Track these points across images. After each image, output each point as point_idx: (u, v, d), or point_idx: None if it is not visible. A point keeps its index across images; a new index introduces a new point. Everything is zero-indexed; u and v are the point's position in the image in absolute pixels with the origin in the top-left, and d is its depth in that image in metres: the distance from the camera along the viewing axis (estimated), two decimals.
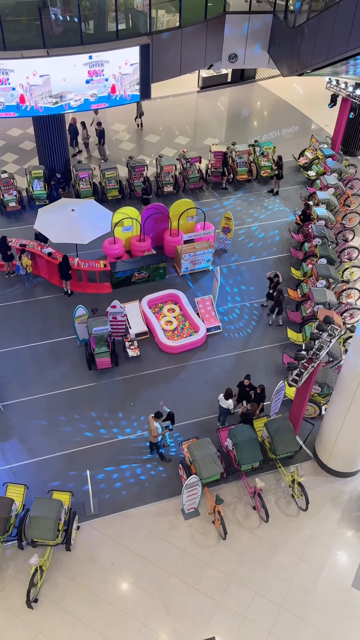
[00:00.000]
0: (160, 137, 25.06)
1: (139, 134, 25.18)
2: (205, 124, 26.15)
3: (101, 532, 12.81)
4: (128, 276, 18.21)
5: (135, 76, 17.86)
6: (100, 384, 15.73)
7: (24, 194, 21.16)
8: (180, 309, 17.57)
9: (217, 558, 12.48)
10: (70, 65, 16.76)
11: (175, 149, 24.20)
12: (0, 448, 14.19)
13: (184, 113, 26.78)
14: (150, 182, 21.16)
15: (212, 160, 22.22)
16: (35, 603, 11.65)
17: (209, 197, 21.95)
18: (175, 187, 21.66)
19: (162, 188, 21.54)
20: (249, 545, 12.70)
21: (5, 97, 16.83)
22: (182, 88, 27.64)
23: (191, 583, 12.11)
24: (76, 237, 17.32)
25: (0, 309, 17.53)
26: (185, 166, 21.98)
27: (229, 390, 14.16)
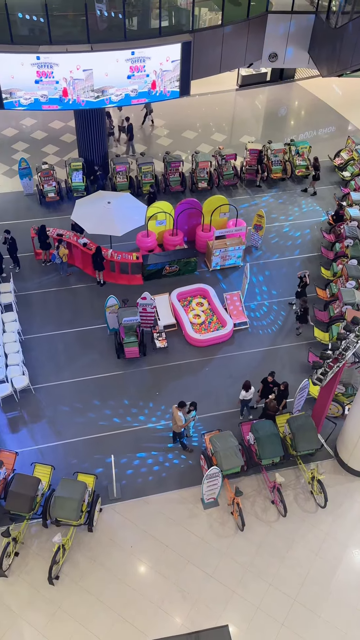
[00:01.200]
0: (197, 134, 25.03)
1: (151, 131, 25.03)
2: (242, 122, 26.01)
3: (122, 515, 12.99)
4: (159, 269, 18.31)
5: (176, 73, 17.87)
6: (128, 373, 15.89)
7: (62, 185, 21.42)
8: (209, 303, 17.59)
9: (234, 548, 12.54)
10: (112, 60, 16.87)
11: (212, 146, 24.14)
12: (29, 429, 14.50)
13: (221, 110, 26.68)
14: (168, 180, 21.17)
15: (247, 158, 22.11)
16: (57, 580, 11.91)
17: (242, 194, 21.87)
18: (209, 183, 21.64)
19: (197, 184, 21.54)
20: (266, 538, 12.72)
21: (49, 90, 17.05)
22: (221, 86, 27.51)
23: (207, 571, 12.20)
24: (111, 229, 17.48)
25: (36, 296, 17.84)
26: (220, 163, 21.93)
27: (247, 383, 14.17)
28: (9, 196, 21.23)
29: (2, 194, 21.31)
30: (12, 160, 22.82)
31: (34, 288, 18.07)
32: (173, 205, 19.22)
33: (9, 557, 12.05)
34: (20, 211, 20.60)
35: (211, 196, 19.59)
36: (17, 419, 14.70)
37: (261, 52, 20.66)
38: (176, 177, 21.48)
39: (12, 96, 17.13)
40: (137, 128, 24.78)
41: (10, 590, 11.80)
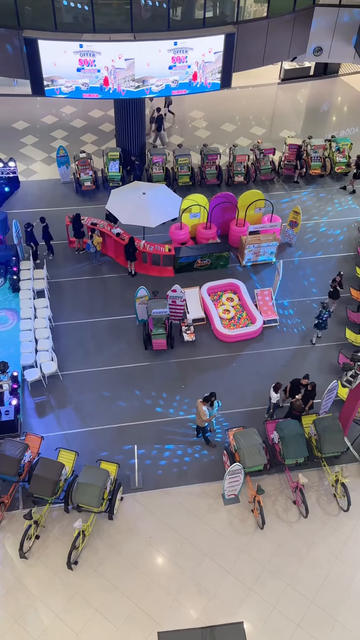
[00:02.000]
0: (236, 127, 24.81)
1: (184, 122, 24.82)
2: (282, 116, 25.67)
3: (143, 505, 13.09)
4: (191, 262, 18.28)
5: (218, 64, 17.73)
6: (155, 364, 15.95)
7: (99, 174, 21.53)
8: (239, 299, 17.49)
9: (252, 546, 12.51)
10: (155, 50, 16.83)
11: (250, 139, 23.91)
12: (56, 414, 14.71)
13: (262, 104, 26.37)
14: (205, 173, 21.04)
15: (286, 153, 21.83)
16: (75, 565, 12.08)
17: (279, 190, 21.61)
18: (246, 177, 21.45)
19: (233, 177, 21.39)
20: (286, 538, 12.65)
21: (90, 79, 17.13)
22: (263, 79, 27.17)
23: (225, 566, 12.21)
24: (145, 220, 17.51)
25: (67, 284, 18.03)
26: (258, 157, 21.70)
27: (277, 385, 14.05)
28: (46, 183, 21.47)
29: (39, 181, 21.56)
30: (50, 148, 23.03)
31: (66, 275, 18.27)
32: (208, 198, 19.13)
33: (30, 540, 12.28)
34: (56, 199, 20.81)
35: (247, 190, 19.45)
36: (44, 403, 14.92)
37: (306, 46, 20.32)
38: (212, 170, 21.36)
39: (54, 84, 17.26)
40: (169, 120, 24.60)
41: (29, 572, 12.03)
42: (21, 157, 22.46)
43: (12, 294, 17.25)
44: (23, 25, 16.51)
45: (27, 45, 16.41)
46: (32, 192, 21.01)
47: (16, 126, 24.14)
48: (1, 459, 12.52)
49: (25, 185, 21.29)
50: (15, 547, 12.22)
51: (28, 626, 11.32)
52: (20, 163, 21.76)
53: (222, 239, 19.40)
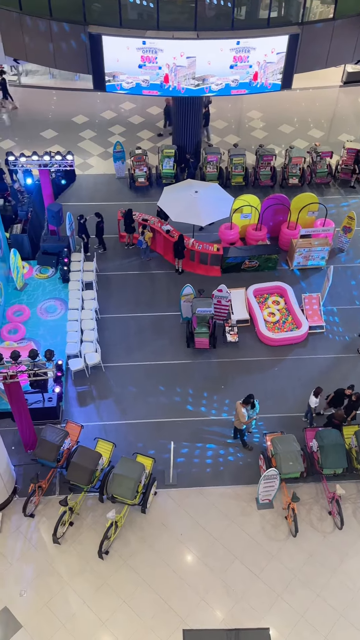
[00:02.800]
0: (294, 129, 24.51)
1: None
2: (342, 120, 25.17)
3: (176, 502, 13.14)
4: (239, 263, 18.19)
5: (280, 65, 17.55)
6: (196, 363, 15.96)
7: (153, 171, 21.69)
8: (285, 303, 17.29)
9: (284, 553, 12.37)
10: (217, 49, 16.81)
11: (308, 142, 23.57)
12: (96, 405, 14.94)
13: (322, 106, 25.92)
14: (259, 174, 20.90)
15: (343, 157, 21.41)
16: (106, 555, 12.25)
17: (334, 194, 21.23)
18: (301, 179, 21.18)
19: (288, 179, 21.14)
20: (319, 548, 12.45)
21: (151, 76, 17.27)
22: (324, 81, 26.71)
23: (255, 571, 12.13)
24: (195, 218, 17.54)
25: (116, 277, 18.27)
26: (314, 160, 21.38)
27: (318, 390, 13.83)
28: (101, 178, 21.80)
29: (95, 175, 21.92)
30: (107, 143, 23.37)
31: (115, 269, 18.51)
32: (260, 199, 18.98)
33: (64, 526, 12.53)
34: (110, 193, 21.10)
35: (301, 193, 19.18)
36: (86, 393, 15.18)
37: None
38: (267, 171, 21.18)
39: (115, 79, 17.50)
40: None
41: (61, 558, 12.28)
42: (79, 150, 22.89)
43: (62, 284, 17.62)
44: (89, 21, 16.79)
45: (92, 41, 16.69)
46: (87, 186, 21.38)
47: (76, 120, 24.61)
48: (42, 444, 12.83)
49: (81, 178, 21.69)
50: (50, 532, 12.50)
51: (57, 610, 11.57)
52: (77, 157, 22.16)
53: (272, 241, 19.22)
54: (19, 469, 13.54)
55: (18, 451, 13.86)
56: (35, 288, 17.56)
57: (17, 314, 16.69)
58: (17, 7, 17.10)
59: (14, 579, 11.96)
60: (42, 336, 16.18)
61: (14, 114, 24.86)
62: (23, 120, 24.54)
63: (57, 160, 17.56)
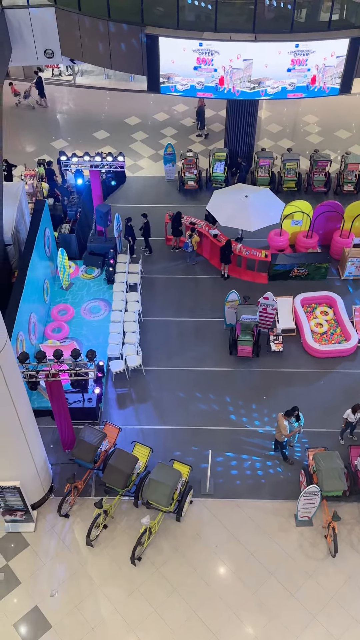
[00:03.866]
0: (351, 134, 24.07)
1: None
2: None
3: (212, 512, 13.05)
4: (287, 270, 17.97)
5: (339, 69, 17.27)
6: (238, 371, 15.84)
7: (203, 174, 21.71)
8: (335, 314, 16.96)
9: (321, 573, 12.10)
10: (274, 52, 16.70)
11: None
12: (135, 408, 15.02)
13: None
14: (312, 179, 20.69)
15: None
16: (139, 561, 12.27)
17: None
18: (356, 187, 20.77)
19: (342, 186, 20.77)
20: (359, 570, 12.10)
21: (206, 78, 17.30)
22: None
23: (290, 589, 11.90)
24: (244, 223, 17.44)
25: (160, 280, 18.36)
26: None
27: (356, 406, 13.48)
28: (150, 180, 21.98)
29: (144, 177, 22.11)
30: (159, 145, 23.56)
31: (160, 272, 18.60)
32: (313, 205, 18.71)
33: (98, 528, 12.63)
34: (159, 196, 21.24)
35: (356, 201, 18.79)
36: (125, 396, 15.28)
37: None
38: (321, 177, 20.88)
39: (169, 81, 17.62)
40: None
41: (94, 560, 12.37)
42: (130, 152, 23.16)
43: (107, 285, 17.83)
44: (146, 22, 16.98)
45: (148, 42, 16.87)
46: (137, 188, 21.60)
47: (128, 121, 24.92)
48: (80, 444, 12.98)
49: (131, 180, 21.93)
50: (83, 533, 12.62)
51: (87, 613, 11.66)
52: (128, 158, 22.45)
53: (323, 250, 18.91)
54: (56, 468, 13.75)
55: (56, 450, 14.07)
56: (81, 288, 17.83)
57: (62, 313, 16.98)
58: (76, 7, 17.47)
59: (46, 578, 12.13)
60: (85, 336, 16.41)
61: (69, 114, 25.40)
62: (76, 120, 25.05)
63: (108, 162, 17.82)
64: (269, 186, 20.68)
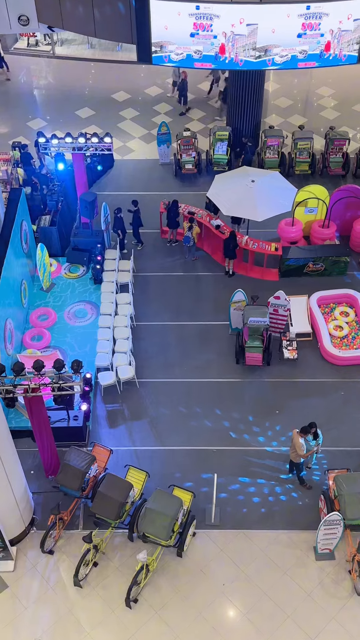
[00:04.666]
0: None
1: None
2: None
3: (218, 546, 13.01)
4: (301, 265, 18.01)
5: (357, 34, 17.34)
6: (246, 382, 15.84)
7: (203, 156, 21.75)
8: (356, 315, 17.00)
9: (346, 614, 12.06)
10: (283, 14, 16.75)
11: None
12: (128, 427, 14.99)
13: None
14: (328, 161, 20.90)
15: None
16: (135, 603, 12.21)
17: None
18: None
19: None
20: None
21: (205, 46, 17.34)
22: None
23: (310, 633, 11.85)
24: (250, 212, 17.48)
25: (155, 279, 18.35)
26: None
27: None
28: (142, 164, 22.01)
29: (135, 161, 22.16)
30: (151, 124, 23.60)
31: (155, 269, 18.61)
32: (329, 191, 18.77)
33: (87, 566, 12.56)
34: (152, 182, 21.28)
35: None
36: (117, 413, 15.25)
37: None
38: (338, 158, 20.95)
39: (162, 50, 17.66)
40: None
41: (83, 603, 12.31)
42: (118, 132, 23.21)
43: (94, 285, 17.82)
44: None
45: (137, 6, 16.90)
46: (127, 173, 21.63)
47: (116, 97, 24.99)
48: (65, 469, 12.94)
49: (120, 164, 21.97)
50: (71, 572, 12.56)
51: None
52: (116, 139, 22.46)
53: (342, 241, 18.95)
54: (37, 497, 13.70)
55: (38, 476, 14.03)
56: (64, 289, 17.82)
57: (42, 318, 16.97)
58: None
59: (27, 625, 12.07)
60: (70, 344, 16.39)
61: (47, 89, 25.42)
62: (56, 96, 25.10)
63: (93, 143, 17.81)
64: (279, 169, 20.74)
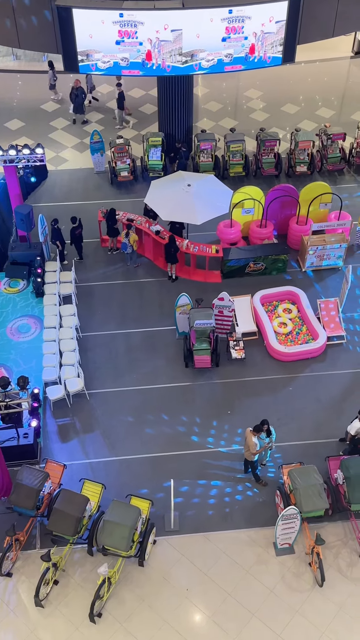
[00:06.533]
0: (300, 108, 24.75)
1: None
2: (355, 96, 25.45)
3: (179, 551, 13.02)
4: (242, 266, 18.24)
5: (280, 36, 17.76)
6: (196, 385, 15.93)
7: (138, 163, 21.80)
8: (299, 311, 17.32)
9: (309, 606, 12.25)
10: (206, 19, 17.02)
11: (316, 123, 23.80)
12: (81, 440, 14.85)
13: (331, 81, 26.23)
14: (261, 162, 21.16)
15: (358, 139, 21.60)
16: (99, 618, 12.09)
17: (349, 182, 21.38)
18: (310, 167, 21.34)
19: (295, 167, 21.31)
20: (350, 599, 12.34)
21: (131, 53, 17.43)
22: (333, 52, 27.05)
23: (276, 629, 11.99)
24: (189, 216, 17.61)
25: (98, 288, 18.27)
26: (325, 143, 21.56)
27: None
28: (77, 173, 21.90)
29: (70, 171, 22.01)
30: (83, 133, 23.51)
31: (97, 279, 18.52)
32: (264, 191, 19.10)
33: (47, 585, 12.37)
34: (88, 191, 21.19)
35: (311, 183, 19.30)
36: (68, 426, 15.09)
37: None
38: (270, 159, 21.33)
39: (89, 58, 17.65)
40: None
41: (46, 623, 12.11)
42: (50, 142, 23.02)
43: (36, 299, 17.61)
44: None
45: (60, 15, 16.84)
46: (62, 183, 21.47)
47: (45, 108, 24.78)
48: (18, 489, 12.71)
49: (54, 175, 21.79)
50: (31, 592, 12.33)
51: None
52: (48, 150, 22.28)
53: (280, 239, 19.30)
54: None
55: None
56: (4, 305, 17.54)
57: None
58: None
59: None
60: (14, 361, 16.15)
61: None
62: None
63: (25, 155, 17.61)
64: (214, 172, 20.98)
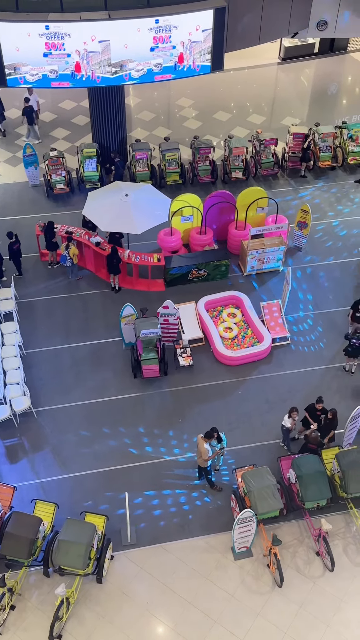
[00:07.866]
0: (231, 115, 25.14)
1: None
2: (284, 101, 26.04)
3: (138, 565, 12.94)
4: (184, 273, 18.35)
5: (207, 44, 18.02)
6: (146, 395, 15.91)
7: (73, 175, 21.69)
8: (243, 314, 17.53)
9: (270, 608, 12.36)
10: (133, 29, 17.11)
11: (248, 129, 24.21)
12: (30, 460, 14.59)
13: (260, 88, 26.76)
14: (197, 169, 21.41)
15: (290, 143, 22.09)
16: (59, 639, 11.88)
17: (284, 186, 21.82)
18: (245, 172, 21.67)
19: (230, 173, 21.60)
20: (309, 597, 12.51)
21: (60, 65, 17.36)
22: (260, 59, 27.61)
23: (238, 634, 12.04)
24: (128, 226, 17.62)
25: (40, 303, 18.04)
26: (258, 149, 21.96)
27: (292, 409, 14.12)
28: (11, 187, 21.61)
29: (3, 185, 21.70)
30: (15, 146, 23.23)
31: (39, 294, 18.28)
32: (202, 198, 19.28)
33: (4, 612, 12.10)
34: (24, 205, 20.93)
35: (247, 188, 19.61)
36: (16, 447, 14.82)
37: (308, 19, 20.69)
38: (206, 166, 21.57)
39: (17, 72, 17.48)
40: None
41: None
42: None
43: None
44: None
45: None
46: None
47: None
48: None
49: None
50: None
51: None
52: None
53: (220, 245, 19.52)
54: None
55: None
56: None
57: None
58: None
59: None
60: None
61: None
62: None
63: None
64: (151, 181, 21.06)
